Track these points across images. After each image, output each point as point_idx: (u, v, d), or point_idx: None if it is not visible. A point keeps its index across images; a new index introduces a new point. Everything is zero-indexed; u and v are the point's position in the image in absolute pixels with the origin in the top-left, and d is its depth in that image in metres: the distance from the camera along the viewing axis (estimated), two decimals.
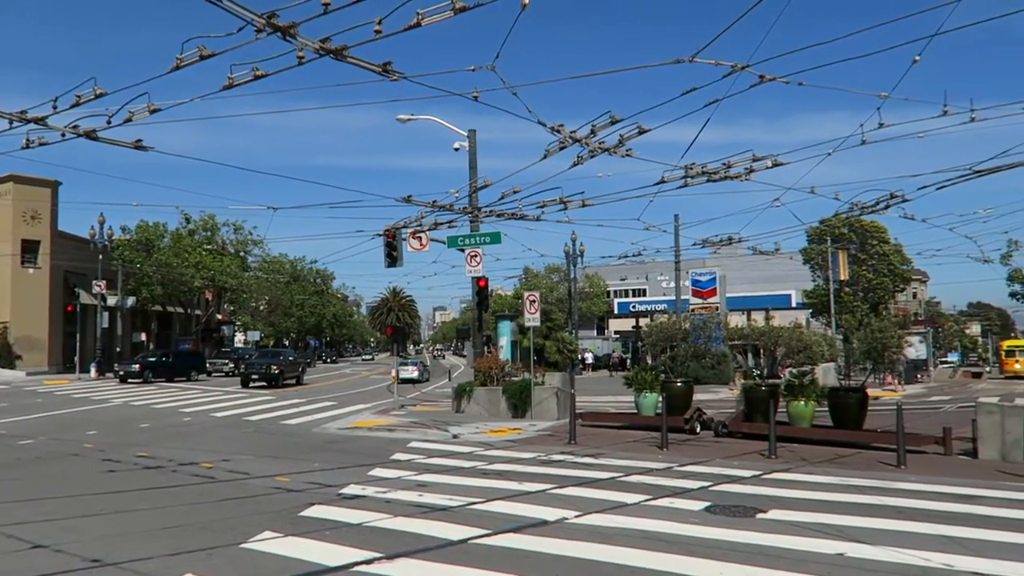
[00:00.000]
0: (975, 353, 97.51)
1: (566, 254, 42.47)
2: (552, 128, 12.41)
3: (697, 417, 17.43)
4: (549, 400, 20.45)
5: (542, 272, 65.94)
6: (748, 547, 7.38)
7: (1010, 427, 13.25)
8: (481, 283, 22.57)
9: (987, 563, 6.83)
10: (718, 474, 11.58)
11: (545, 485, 10.49)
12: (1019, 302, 34.44)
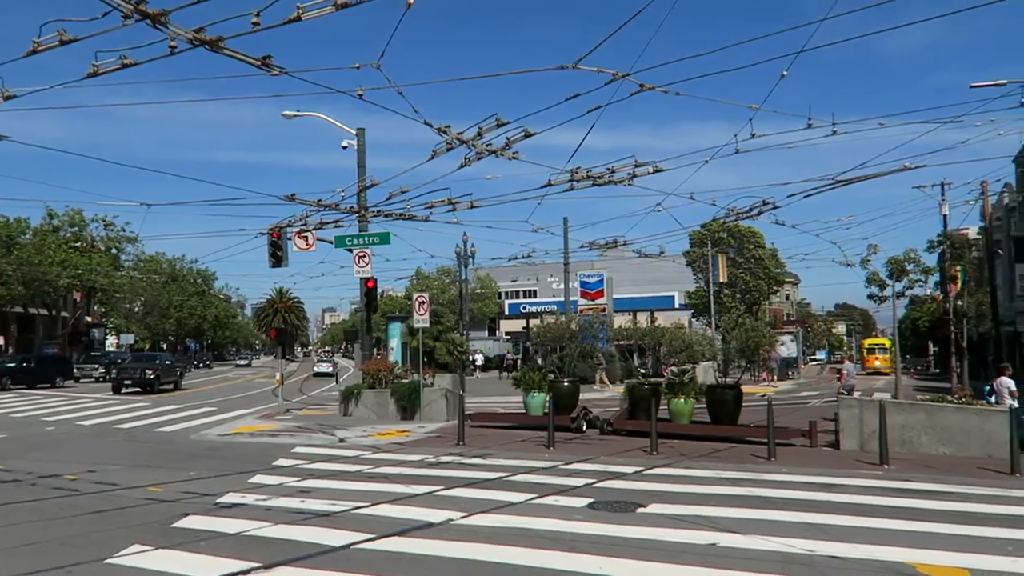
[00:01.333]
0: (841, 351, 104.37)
1: (457, 255, 42.43)
2: (439, 129, 12.38)
3: (583, 416, 17.79)
4: (438, 401, 20.38)
5: (433, 273, 65.67)
6: (628, 541, 7.60)
7: (867, 419, 14.23)
8: (370, 284, 22.23)
9: (844, 547, 7.31)
10: (602, 471, 11.86)
11: (432, 487, 10.44)
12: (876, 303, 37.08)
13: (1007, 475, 11.74)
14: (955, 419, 14.06)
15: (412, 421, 19.75)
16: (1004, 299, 40.33)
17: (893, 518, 8.64)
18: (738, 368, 19.17)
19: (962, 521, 8.52)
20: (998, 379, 15.62)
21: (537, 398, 18.12)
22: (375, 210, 18.93)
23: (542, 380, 18.43)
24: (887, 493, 10.29)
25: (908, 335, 71.47)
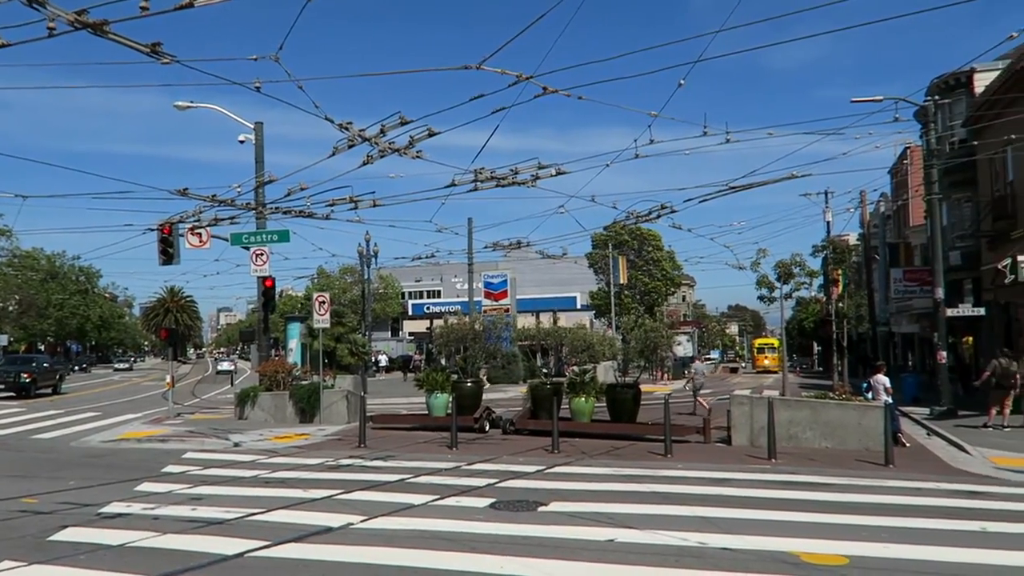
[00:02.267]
0: (732, 350, 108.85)
1: (359, 254, 41.80)
2: (340, 125, 12.11)
3: (486, 416, 17.83)
4: (339, 403, 19.97)
5: (335, 273, 64.37)
6: (529, 539, 7.66)
7: (757, 416, 14.87)
8: (268, 283, 21.55)
9: (735, 539, 7.59)
10: (504, 471, 11.91)
11: (332, 491, 10.21)
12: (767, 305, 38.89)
13: (882, 466, 12.51)
14: (836, 415, 14.88)
15: (311, 424, 19.27)
16: (880, 301, 43.00)
17: (780, 510, 9.06)
18: (637, 368, 19.69)
19: (842, 511, 9.01)
20: (874, 376, 16.62)
21: (440, 399, 18.04)
22: (273, 207, 18.34)
23: (445, 381, 18.36)
24: (774, 486, 10.77)
25: (794, 335, 75.23)
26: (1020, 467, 12.61)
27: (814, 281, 41.19)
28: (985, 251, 24.67)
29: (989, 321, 23.65)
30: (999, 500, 9.95)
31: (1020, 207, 21.10)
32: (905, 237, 39.46)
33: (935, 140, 22.48)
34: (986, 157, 22.99)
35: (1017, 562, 6.88)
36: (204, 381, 51.22)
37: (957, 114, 25.99)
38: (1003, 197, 22.37)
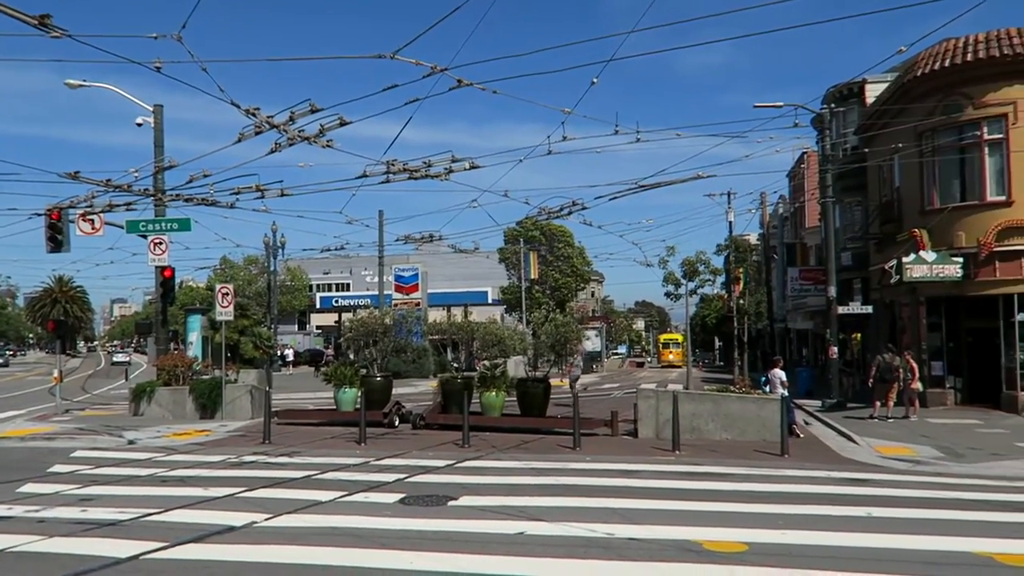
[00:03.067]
0: (639, 345, 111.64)
1: (266, 245, 40.59)
2: (247, 111, 11.72)
3: (396, 411, 17.65)
4: (243, 399, 19.34)
5: (239, 263, 62.33)
6: (439, 534, 7.61)
7: (662, 409, 15.28)
8: (166, 273, 20.63)
9: (641, 529, 7.77)
10: (414, 466, 11.81)
11: (234, 489, 9.87)
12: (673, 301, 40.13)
13: (778, 456, 13.08)
14: (737, 407, 15.46)
15: (213, 420, 18.59)
16: (778, 299, 44.96)
17: (683, 500, 9.34)
18: (547, 362, 19.88)
19: (741, 500, 9.36)
20: (772, 371, 17.35)
21: (348, 393, 17.74)
22: (174, 193, 17.58)
23: (354, 375, 18.06)
24: (678, 477, 11.09)
25: (698, 330, 77.75)
26: (901, 455, 13.42)
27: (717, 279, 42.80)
28: (873, 253, 26.13)
29: (876, 319, 25.08)
30: (883, 487, 10.56)
31: (905, 212, 22.44)
32: (801, 238, 41.34)
33: (829, 146, 23.64)
34: (875, 164, 24.34)
35: (899, 544, 7.31)
36: (96, 376, 48.68)
37: (850, 122, 27.39)
38: (890, 202, 23.73)
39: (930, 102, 20.65)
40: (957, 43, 20.10)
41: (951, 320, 21.12)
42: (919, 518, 8.48)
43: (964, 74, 19.89)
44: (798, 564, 6.63)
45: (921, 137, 21.08)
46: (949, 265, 19.71)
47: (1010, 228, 19.20)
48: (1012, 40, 19.20)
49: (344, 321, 28.38)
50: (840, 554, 6.97)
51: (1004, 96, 19.32)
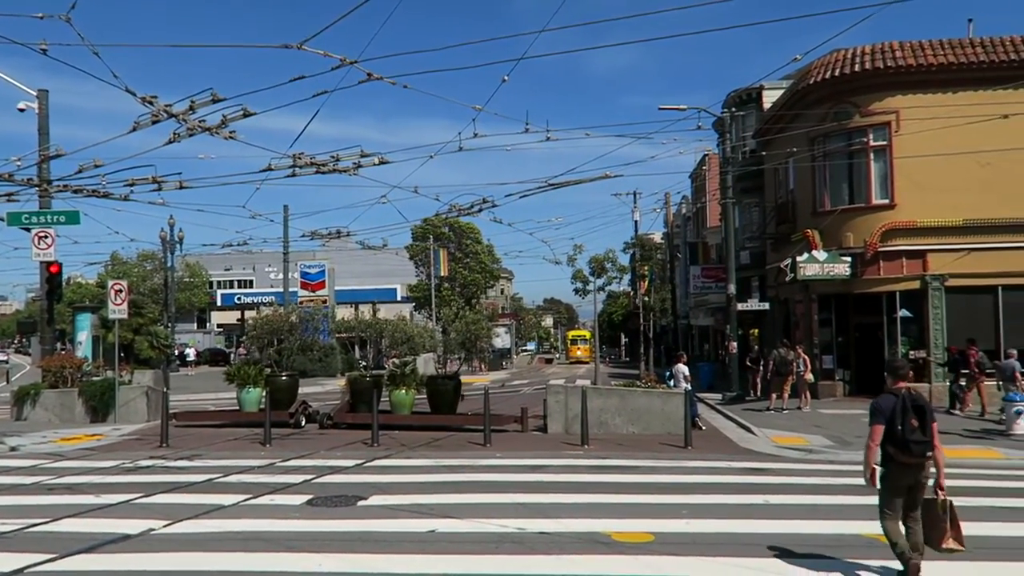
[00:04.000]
0: (548, 341, 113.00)
1: (162, 240, 38.87)
2: (144, 99, 11.16)
3: (303, 411, 17.24)
4: (138, 401, 18.46)
5: (133, 259, 59.45)
6: (348, 535, 7.48)
7: (571, 405, 15.51)
8: (53, 269, 19.45)
9: (552, 523, 7.87)
10: (321, 466, 11.57)
11: (129, 495, 9.40)
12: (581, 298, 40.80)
13: (682, 448, 13.50)
14: (642, 402, 15.85)
15: (105, 424, 17.66)
16: (682, 296, 46.38)
17: (592, 493, 9.50)
18: (458, 359, 19.85)
19: (648, 491, 9.61)
20: (675, 366, 17.88)
21: (252, 393, 17.20)
22: (61, 184, 16.56)
23: (258, 374, 17.54)
24: (587, 471, 11.29)
25: (605, 327, 79.38)
26: (795, 445, 14.09)
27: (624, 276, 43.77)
28: (770, 252, 27.33)
29: (772, 315, 26.25)
30: (779, 475, 11.06)
31: (799, 213, 23.56)
32: (703, 237, 42.80)
33: (730, 149, 24.55)
34: (772, 167, 25.46)
35: (795, 529, 7.67)
36: None
37: (749, 126, 28.56)
38: (785, 204, 24.87)
39: (822, 109, 21.74)
40: (846, 54, 21.22)
41: (840, 316, 22.33)
42: (813, 504, 8.92)
43: (852, 84, 21.04)
44: (701, 552, 6.86)
45: (813, 142, 22.18)
46: (839, 264, 20.82)
47: (893, 229, 20.44)
48: (895, 53, 20.43)
49: (248, 319, 27.49)
50: (741, 540, 7.26)
51: (888, 105, 20.55)
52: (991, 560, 6.64)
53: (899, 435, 5.81)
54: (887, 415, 5.90)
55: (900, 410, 5.84)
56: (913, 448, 5.80)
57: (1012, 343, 19.91)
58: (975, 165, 19.59)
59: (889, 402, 5.94)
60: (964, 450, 13.59)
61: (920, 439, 5.80)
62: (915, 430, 5.79)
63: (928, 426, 5.85)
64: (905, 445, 5.79)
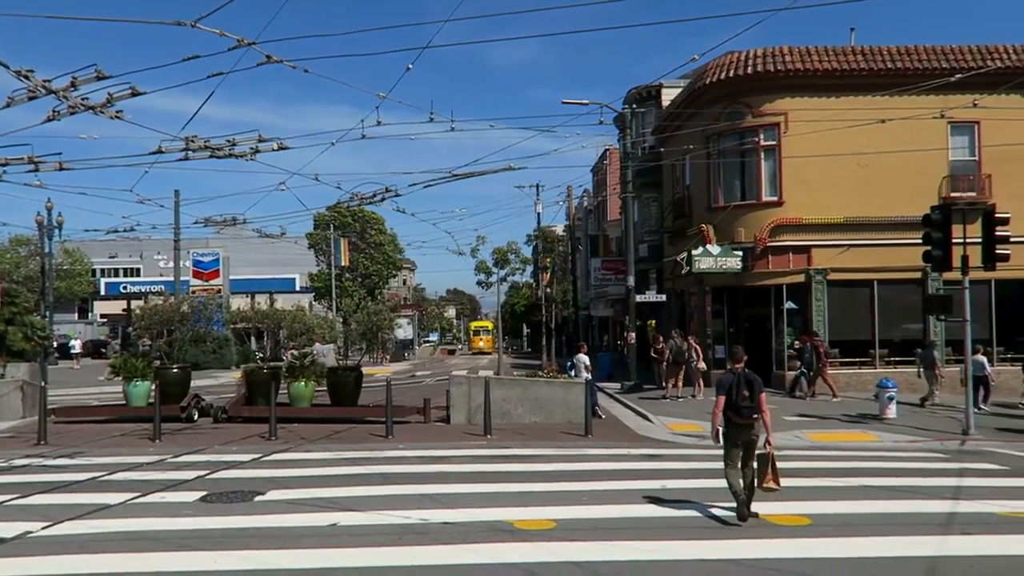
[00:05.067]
0: (451, 332, 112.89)
1: (39, 224, 36.45)
2: (19, 73, 10.40)
3: (195, 404, 16.59)
4: (11, 396, 17.27)
5: (5, 244, 55.46)
6: (246, 531, 7.26)
7: (474, 395, 15.56)
8: None
9: (454, 512, 7.89)
10: (216, 461, 11.17)
11: (3, 496, 8.79)
12: (484, 289, 40.92)
13: (583, 436, 13.79)
14: (544, 391, 16.08)
15: None
16: (583, 287, 47.25)
17: (495, 482, 9.58)
18: (359, 350, 19.57)
19: (550, 479, 9.77)
20: (576, 356, 18.23)
21: (141, 387, 16.40)
22: None
23: (146, 367, 16.73)
24: (490, 460, 11.37)
25: (508, 318, 79.86)
26: (690, 431, 14.64)
27: (527, 268, 44.18)
28: (667, 245, 28.20)
29: (668, 306, 27.12)
30: (675, 461, 11.47)
31: (695, 209, 24.42)
32: (604, 230, 43.70)
33: (630, 144, 25.17)
34: (670, 163, 26.26)
35: (694, 513, 7.98)
36: None
37: (648, 123, 29.32)
38: (682, 199, 25.71)
39: (716, 109, 22.57)
40: (740, 56, 22.10)
41: (732, 307, 23.31)
42: (704, 487, 9.29)
43: (744, 85, 21.94)
44: (602, 536, 7.04)
45: (708, 140, 23.01)
46: (731, 258, 21.71)
47: (781, 226, 21.47)
48: (784, 57, 21.42)
49: (135, 309, 26.15)
50: (638, 524, 7.49)
51: (777, 107, 21.54)
52: (859, 536, 7.10)
53: (734, 402, 7.64)
54: (727, 388, 7.70)
55: (735, 384, 7.65)
56: (743, 412, 7.63)
57: (885, 333, 21.40)
58: (855, 166, 20.82)
59: (728, 379, 7.78)
60: (843, 434, 14.50)
61: (748, 405, 7.60)
62: (746, 399, 7.59)
63: (756, 396, 7.60)
64: (738, 410, 7.64)
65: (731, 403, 7.65)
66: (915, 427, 15.11)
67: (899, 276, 20.85)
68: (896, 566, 6.19)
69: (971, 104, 19.24)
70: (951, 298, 15.51)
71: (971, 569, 6.13)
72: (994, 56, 20.99)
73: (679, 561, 6.33)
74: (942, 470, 10.82)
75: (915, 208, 17.01)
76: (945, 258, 14.28)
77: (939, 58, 21.08)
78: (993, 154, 20.93)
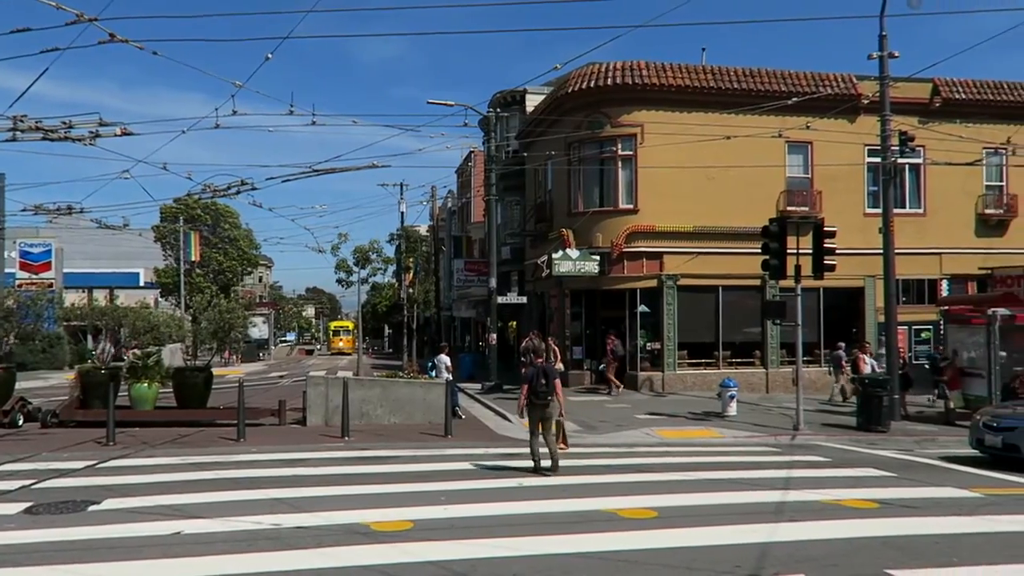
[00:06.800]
0: (309, 332, 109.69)
1: None
2: None
3: (20, 408, 15.22)
4: None
5: None
6: (78, 544, 6.74)
7: (332, 396, 15.23)
8: None
9: (309, 516, 7.68)
10: (43, 470, 10.29)
11: None
12: (344, 288, 40.15)
13: (443, 437, 13.81)
14: (405, 392, 15.98)
15: None
16: (445, 288, 47.25)
17: (352, 484, 9.41)
18: (209, 350, 18.66)
19: (408, 480, 9.71)
20: (438, 356, 18.23)
21: None
22: None
23: None
24: (347, 462, 11.16)
25: (369, 318, 78.72)
26: None
27: (389, 267, 43.72)
28: (529, 248, 28.76)
29: (529, 308, 27.66)
30: (531, 459, 11.69)
31: (555, 213, 25.05)
32: (467, 232, 43.93)
33: (494, 148, 25.45)
34: (532, 167, 26.81)
35: (544, 509, 8.18)
36: None
37: (513, 127, 29.81)
38: (543, 203, 26.31)
39: (578, 117, 23.28)
40: (601, 68, 22.90)
41: (590, 310, 24.11)
42: (561, 484, 9.57)
43: (604, 96, 22.76)
44: (460, 536, 7.08)
45: (570, 147, 23.69)
46: (589, 262, 22.44)
47: (636, 232, 22.43)
48: (642, 72, 22.41)
49: None
50: (496, 523, 7.59)
51: (634, 119, 22.50)
52: (701, 526, 7.56)
53: (534, 388, 10.35)
54: (529, 378, 10.46)
55: (535, 375, 10.38)
56: (540, 395, 10.32)
57: (728, 335, 22.83)
58: (704, 178, 22.09)
59: (531, 371, 10.55)
60: (690, 431, 15.35)
61: (543, 390, 10.30)
62: (543, 386, 10.31)
63: (551, 383, 10.35)
64: (537, 393, 10.34)
65: (532, 389, 10.34)
66: (753, 424, 16.23)
67: (741, 283, 22.32)
68: (733, 552, 6.62)
69: (805, 126, 20.92)
70: (786, 304, 16.79)
71: (797, 552, 6.66)
72: (825, 83, 22.92)
73: (533, 556, 6.47)
74: (775, 463, 11.68)
75: (756, 220, 18.23)
76: (781, 267, 15.46)
77: (779, 81, 22.76)
78: (823, 172, 22.84)
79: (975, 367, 17.20)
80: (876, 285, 21.90)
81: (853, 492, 9.26)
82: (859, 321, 23.51)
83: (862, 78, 22.78)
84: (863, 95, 22.27)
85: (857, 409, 16.20)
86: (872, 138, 19.66)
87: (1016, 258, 22.85)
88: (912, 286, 23.90)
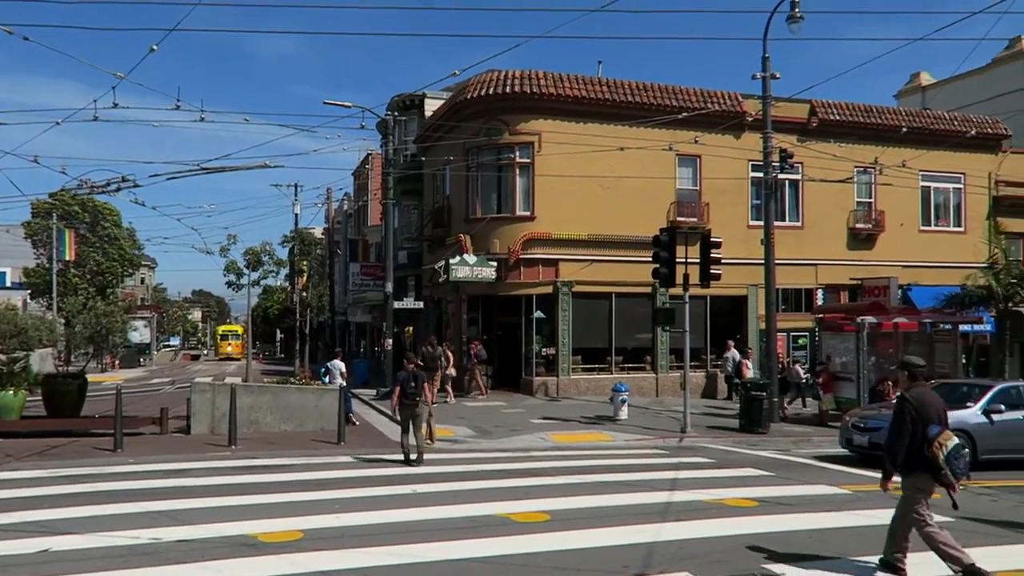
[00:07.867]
0: (195, 336, 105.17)
1: None
2: None
3: None
4: None
5: None
6: None
7: (219, 403, 14.66)
8: None
9: (192, 529, 7.36)
10: None
11: None
12: (234, 291, 38.66)
13: (335, 444, 13.54)
14: (296, 398, 15.58)
15: None
16: (340, 292, 46.39)
17: (239, 495, 9.09)
18: (84, 356, 17.62)
19: (299, 489, 9.47)
20: (331, 362, 17.88)
21: None
22: None
23: None
24: (233, 472, 10.77)
25: (260, 322, 76.04)
26: (442, 436, 14.90)
27: (281, 270, 42.46)
28: (426, 253, 28.61)
29: (426, 313, 27.49)
30: (426, 465, 11.64)
31: (453, 218, 25.04)
32: (364, 235, 43.28)
33: (392, 151, 25.20)
34: (431, 172, 26.71)
35: (439, 515, 8.16)
36: None
37: (411, 131, 29.59)
38: (441, 208, 26.24)
39: (476, 123, 23.38)
40: (499, 75, 23.09)
41: (486, 315, 24.21)
42: (455, 490, 9.57)
43: (503, 104, 22.97)
44: (351, 544, 6.95)
45: (468, 153, 23.75)
46: (486, 268, 22.53)
47: (533, 239, 22.72)
48: (540, 81, 22.74)
49: None
50: (389, 530, 7.51)
51: (532, 127, 22.81)
52: (591, 528, 7.73)
53: (404, 389, 11.66)
54: (401, 381, 11.80)
55: (407, 379, 11.72)
56: (410, 395, 11.63)
57: (621, 341, 23.45)
58: (599, 188, 22.63)
59: (403, 375, 11.85)
60: (582, 435, 15.65)
61: (413, 392, 11.61)
62: (413, 388, 11.62)
63: (420, 386, 11.69)
64: (406, 394, 11.65)
65: (404, 391, 11.65)
66: (643, 427, 16.73)
67: (634, 290, 22.96)
68: (622, 552, 6.80)
69: (694, 140, 21.78)
70: (675, 311, 17.38)
71: (682, 550, 6.91)
72: (713, 100, 23.95)
73: (427, 563, 6.44)
74: (663, 464, 12.08)
75: (648, 229, 18.80)
76: (671, 275, 16.03)
77: (670, 96, 23.61)
78: (711, 185, 23.84)
79: (847, 371, 18.38)
80: (758, 293, 22.98)
81: (735, 491, 9.70)
82: (742, 328, 24.64)
83: (747, 96, 23.93)
84: (747, 112, 23.40)
85: (740, 412, 16.97)
86: (756, 154, 20.68)
87: (883, 269, 24.58)
88: (791, 295, 25.27)
